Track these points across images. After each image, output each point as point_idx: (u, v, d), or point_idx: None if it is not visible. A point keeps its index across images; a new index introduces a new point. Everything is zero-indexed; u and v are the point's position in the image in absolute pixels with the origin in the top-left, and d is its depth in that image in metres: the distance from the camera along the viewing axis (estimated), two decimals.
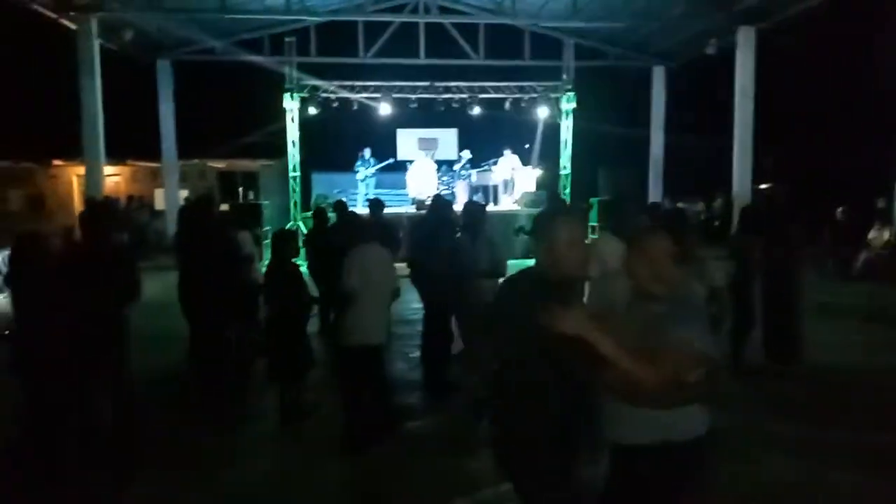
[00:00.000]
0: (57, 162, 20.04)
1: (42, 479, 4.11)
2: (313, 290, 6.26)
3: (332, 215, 8.25)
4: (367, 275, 4.59)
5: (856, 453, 4.50)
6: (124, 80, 15.85)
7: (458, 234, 5.71)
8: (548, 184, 18.12)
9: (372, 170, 16.69)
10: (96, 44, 13.87)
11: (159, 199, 18.87)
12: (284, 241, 5.28)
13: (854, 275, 11.67)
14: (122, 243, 5.39)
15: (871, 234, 12.03)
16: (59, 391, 4.14)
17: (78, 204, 16.97)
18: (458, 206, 8.68)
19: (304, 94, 17.09)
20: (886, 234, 11.84)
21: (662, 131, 19.71)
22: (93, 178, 14.20)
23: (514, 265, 6.63)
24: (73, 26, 13.70)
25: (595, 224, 15.57)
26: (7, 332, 4.32)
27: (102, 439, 4.51)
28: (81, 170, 15.74)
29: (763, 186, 16.74)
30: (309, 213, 13.24)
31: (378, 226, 6.67)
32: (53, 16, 13.42)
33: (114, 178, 18.81)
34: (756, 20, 14.94)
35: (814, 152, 18.09)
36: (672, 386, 2.28)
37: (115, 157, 16.10)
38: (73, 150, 15.43)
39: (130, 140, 17.56)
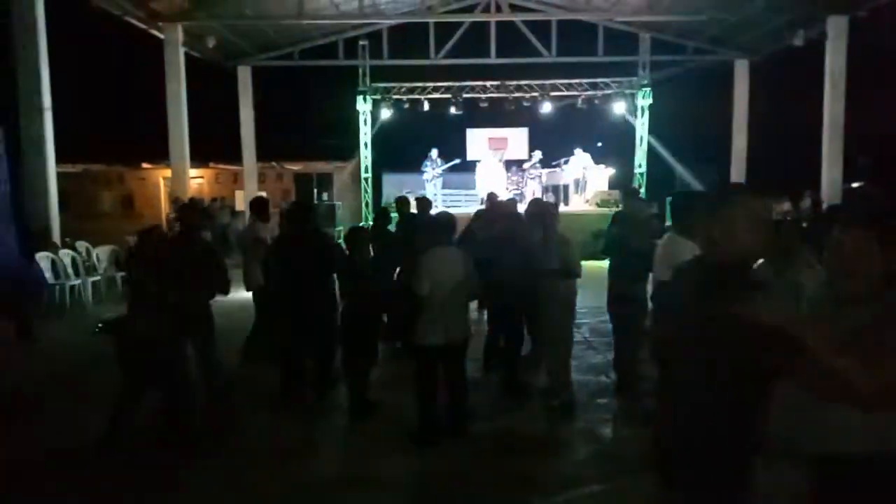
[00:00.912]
0: (145, 165, 21.17)
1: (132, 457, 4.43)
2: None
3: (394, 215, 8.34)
4: (436, 277, 4.59)
5: None
6: (207, 87, 16.56)
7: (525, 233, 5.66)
8: (622, 183, 17.68)
9: (439, 170, 16.76)
10: (182, 51, 14.56)
11: (239, 201, 19.63)
12: (356, 238, 5.37)
13: None
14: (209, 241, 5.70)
15: None
16: (158, 373, 4.50)
17: (164, 204, 17.86)
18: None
19: (377, 97, 17.37)
20: None
21: (745, 127, 18.86)
22: (178, 180, 14.93)
23: (588, 266, 6.51)
24: (160, 35, 14.43)
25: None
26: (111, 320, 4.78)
27: (193, 421, 4.73)
28: (168, 172, 16.57)
29: (855, 185, 15.74)
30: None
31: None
32: (143, 26, 14.19)
33: (197, 180, 19.68)
34: (847, 8, 14.07)
35: None
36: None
37: (198, 160, 16.85)
38: (161, 154, 16.25)
39: (213, 144, 18.33)
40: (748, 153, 18.81)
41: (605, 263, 5.77)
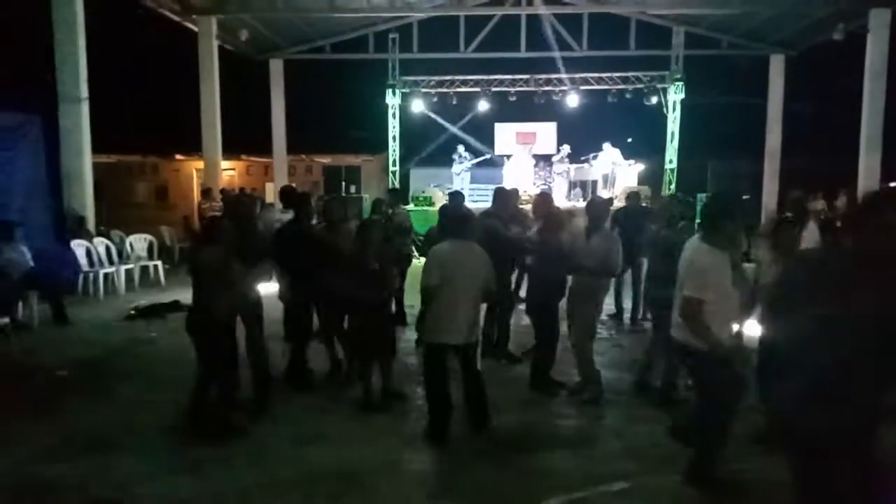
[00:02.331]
0: (179, 156, 21.51)
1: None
2: None
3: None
4: (447, 271, 4.47)
5: None
6: (240, 79, 16.76)
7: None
8: (652, 179, 17.43)
9: (467, 164, 16.71)
10: (215, 44, 14.76)
11: (269, 193, 19.84)
12: (366, 229, 5.39)
13: None
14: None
15: None
16: (223, 352, 4.74)
17: (197, 195, 18.11)
18: (556, 202, 8.52)
19: (406, 90, 17.39)
20: None
21: (780, 123, 18.45)
22: (210, 172, 15.16)
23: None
24: (194, 28, 14.65)
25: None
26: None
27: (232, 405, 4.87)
28: (200, 164, 16.82)
29: (894, 184, 15.30)
30: (408, 207, 13.48)
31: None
32: (177, 18, 14.41)
33: (229, 171, 19.94)
34: (891, 1, 13.67)
35: None
36: None
37: (230, 152, 17.07)
38: (194, 146, 16.50)
39: (244, 136, 18.55)
40: (783, 149, 18.42)
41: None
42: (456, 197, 7.89)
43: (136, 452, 4.47)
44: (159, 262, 11.23)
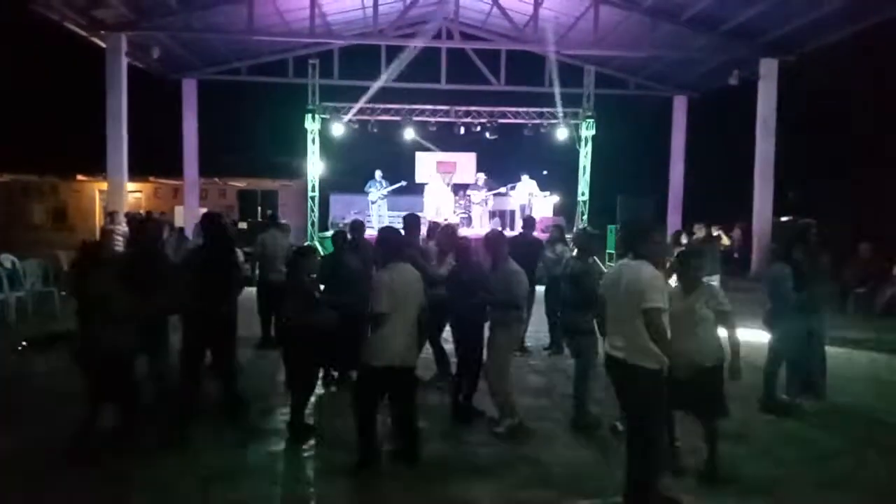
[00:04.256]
0: (80, 177, 20.36)
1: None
2: None
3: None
4: (395, 296, 4.47)
5: (873, 492, 4.35)
6: (149, 98, 16.14)
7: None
8: (566, 211, 18.05)
9: (384, 191, 16.69)
10: (124, 61, 14.16)
11: (178, 216, 19.09)
12: (302, 258, 5.29)
13: (877, 311, 11.43)
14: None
15: None
16: (112, 382, 4.49)
17: (99, 218, 17.18)
18: (475, 230, 8.64)
19: (326, 116, 17.27)
20: None
21: (682, 160, 19.66)
22: (115, 194, 14.40)
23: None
24: (102, 44, 14.01)
25: (612, 251, 15.49)
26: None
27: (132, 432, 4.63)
28: (104, 185, 15.96)
29: (785, 219, 16.55)
30: (327, 233, 13.28)
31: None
32: (84, 33, 13.74)
33: (136, 194, 19.05)
34: (779, 53, 14.94)
35: (837, 185, 17.87)
36: None
37: (137, 173, 16.34)
38: (97, 166, 15.68)
39: (153, 157, 17.82)
40: (684, 184, 19.59)
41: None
42: (357, 227, 7.70)
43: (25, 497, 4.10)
44: (55, 290, 10.47)
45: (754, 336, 6.52)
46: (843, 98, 17.42)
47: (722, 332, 4.58)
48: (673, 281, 4.73)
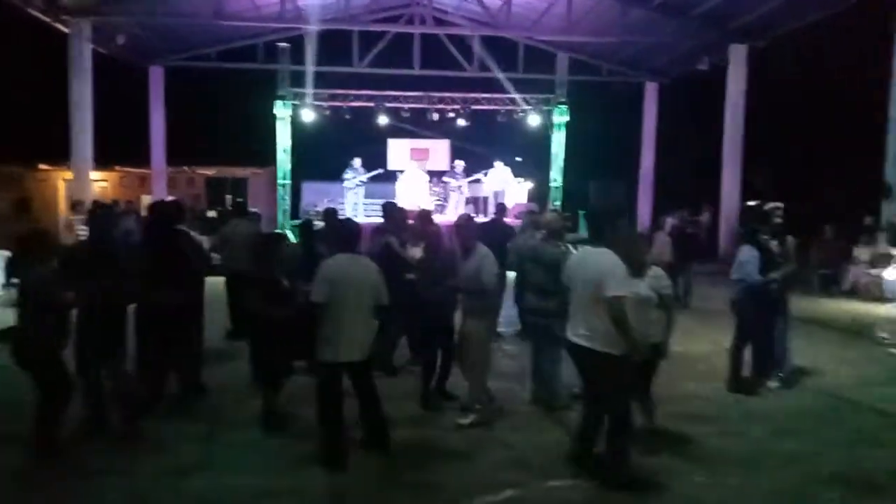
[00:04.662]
0: (44, 166, 19.84)
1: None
2: None
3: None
4: (337, 286, 4.34)
5: (839, 468, 4.48)
6: (115, 85, 15.77)
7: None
8: (539, 196, 18.11)
9: (360, 178, 16.57)
10: (88, 47, 13.80)
11: (146, 205, 18.76)
12: (266, 247, 5.20)
13: (841, 291, 11.72)
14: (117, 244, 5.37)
15: (858, 251, 12.10)
16: (58, 377, 4.38)
17: (63, 208, 16.79)
18: (447, 217, 8.64)
19: (297, 102, 17.03)
20: (872, 251, 11.91)
21: (653, 145, 19.85)
22: (80, 183, 14.09)
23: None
24: (65, 30, 13.63)
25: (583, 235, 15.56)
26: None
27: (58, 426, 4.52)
28: (69, 174, 15.59)
29: (752, 203, 16.82)
30: (298, 222, 13.14)
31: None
32: (46, 19, 13.34)
33: (101, 183, 18.63)
34: (748, 38, 15.12)
35: (803, 169, 18.22)
36: None
37: (103, 162, 15.98)
38: (61, 155, 15.30)
39: (119, 146, 17.43)
40: (655, 169, 19.81)
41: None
42: (331, 214, 7.61)
43: None
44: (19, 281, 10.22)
45: (721, 319, 6.64)
46: (809, 83, 17.72)
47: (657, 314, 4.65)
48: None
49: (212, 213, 15.71)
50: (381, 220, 6.82)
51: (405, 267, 6.12)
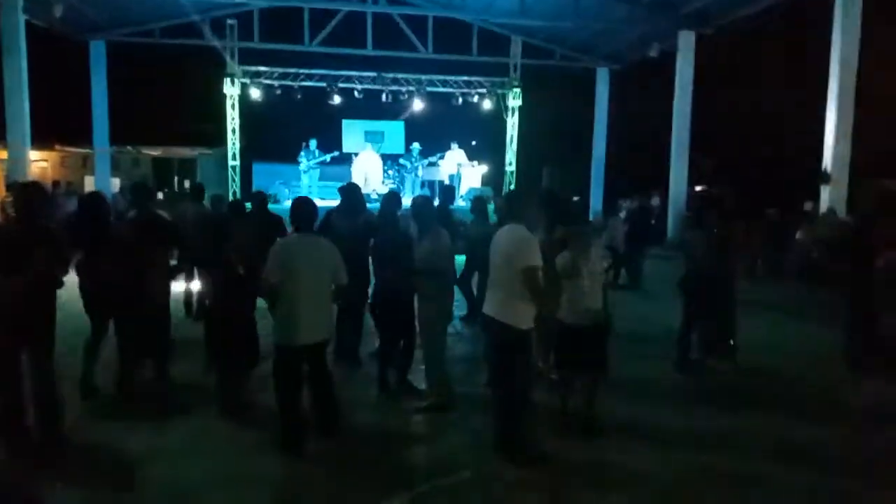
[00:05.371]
0: None
1: None
2: None
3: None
4: (289, 266, 4.24)
5: (779, 444, 4.69)
6: (54, 60, 15.04)
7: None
8: (494, 181, 18.21)
9: (314, 161, 16.33)
10: (22, 19, 13.10)
11: (89, 187, 18.04)
12: (217, 230, 5.10)
13: (785, 274, 12.17)
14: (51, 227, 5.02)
15: (799, 235, 12.56)
16: None
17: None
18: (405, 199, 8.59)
19: (246, 81, 16.61)
20: (812, 234, 12.38)
21: (605, 131, 20.13)
22: (17, 163, 13.44)
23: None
24: None
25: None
26: None
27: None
28: (4, 154, 14.86)
29: (699, 188, 17.29)
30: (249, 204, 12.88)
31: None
32: None
33: (40, 163, 17.85)
34: (696, 25, 15.42)
35: (747, 156, 18.81)
36: None
37: (42, 141, 15.29)
38: None
39: (60, 124, 16.70)
40: (607, 154, 20.12)
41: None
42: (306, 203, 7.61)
43: None
44: None
45: (670, 301, 6.82)
46: (755, 69, 18.24)
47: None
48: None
49: (159, 195, 15.23)
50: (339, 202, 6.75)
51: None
